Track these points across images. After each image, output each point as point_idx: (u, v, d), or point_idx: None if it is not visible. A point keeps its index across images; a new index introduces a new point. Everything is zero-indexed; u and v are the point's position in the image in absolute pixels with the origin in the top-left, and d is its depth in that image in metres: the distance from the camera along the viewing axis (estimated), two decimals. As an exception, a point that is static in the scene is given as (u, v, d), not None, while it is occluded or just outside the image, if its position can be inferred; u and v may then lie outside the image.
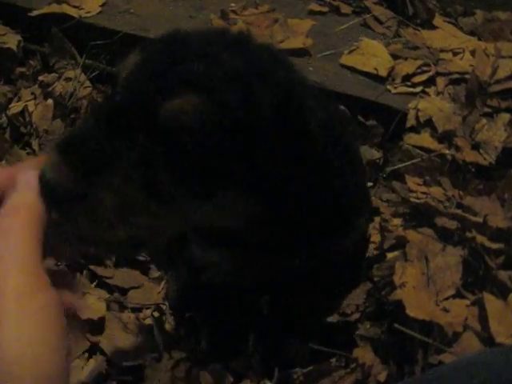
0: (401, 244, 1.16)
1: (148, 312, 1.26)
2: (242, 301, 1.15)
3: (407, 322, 1.02)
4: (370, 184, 1.49)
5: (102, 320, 1.20)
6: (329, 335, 1.14)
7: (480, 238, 1.19)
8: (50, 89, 1.80)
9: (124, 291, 1.32)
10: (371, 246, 1.32)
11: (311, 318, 1.20)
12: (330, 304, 1.21)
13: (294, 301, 1.17)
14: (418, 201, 1.36)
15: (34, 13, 1.93)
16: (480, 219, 1.23)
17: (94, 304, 1.19)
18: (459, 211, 1.24)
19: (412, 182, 1.45)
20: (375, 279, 1.12)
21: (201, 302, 1.21)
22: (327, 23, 1.86)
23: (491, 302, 1.09)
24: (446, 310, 1.07)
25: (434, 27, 1.88)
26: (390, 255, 1.15)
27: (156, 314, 1.25)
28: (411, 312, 0.97)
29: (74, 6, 1.94)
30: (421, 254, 1.10)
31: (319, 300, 1.19)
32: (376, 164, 1.56)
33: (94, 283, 1.31)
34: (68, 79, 1.85)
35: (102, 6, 1.95)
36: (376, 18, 1.88)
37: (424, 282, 1.05)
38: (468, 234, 1.21)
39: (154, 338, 1.15)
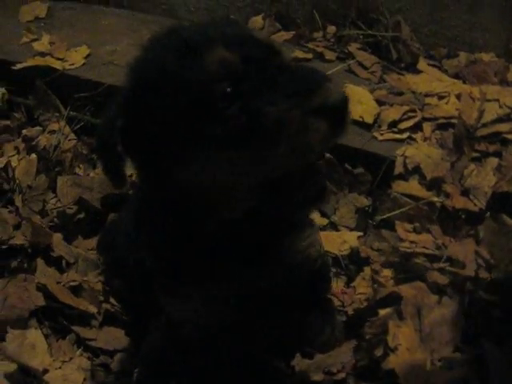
0: (393, 299, 1.13)
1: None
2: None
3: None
4: (360, 233, 1.47)
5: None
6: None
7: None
8: (34, 142, 1.78)
9: (109, 353, 1.28)
10: (360, 297, 1.29)
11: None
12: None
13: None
14: (408, 250, 1.34)
15: (18, 66, 1.93)
16: (471, 273, 1.21)
17: (71, 374, 1.13)
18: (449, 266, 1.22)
19: (402, 229, 1.43)
20: (367, 337, 1.08)
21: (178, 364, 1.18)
22: (312, 70, 1.86)
23: (491, 350, 1.05)
24: (444, 368, 1.03)
25: (418, 71, 1.88)
26: (382, 312, 1.11)
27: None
28: (404, 381, 0.93)
29: (58, 59, 1.95)
30: (415, 310, 1.07)
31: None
32: (365, 212, 1.54)
33: (80, 349, 1.26)
34: (52, 132, 1.84)
35: (86, 57, 1.96)
36: (360, 64, 1.88)
37: (419, 340, 1.02)
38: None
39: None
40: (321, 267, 1.14)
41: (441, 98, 1.71)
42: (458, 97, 1.69)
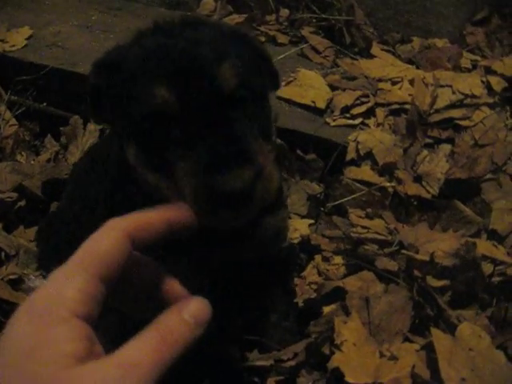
0: (339, 294, 1.10)
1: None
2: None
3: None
4: (311, 221, 1.44)
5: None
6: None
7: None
8: (-28, 128, 1.69)
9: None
10: (310, 288, 1.26)
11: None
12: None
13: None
14: (360, 236, 1.31)
15: (-45, 47, 1.82)
16: (426, 257, 1.19)
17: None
18: (404, 250, 1.19)
19: (354, 215, 1.40)
20: (313, 336, 1.04)
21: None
22: (264, 54, 1.81)
23: (440, 339, 1.03)
24: (393, 358, 1.01)
25: (371, 56, 1.85)
26: (327, 309, 1.08)
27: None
28: (350, 378, 0.90)
29: (-2, 40, 1.85)
30: (362, 303, 1.04)
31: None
32: (317, 199, 1.50)
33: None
34: (-8, 117, 1.75)
35: (28, 39, 1.86)
36: (313, 48, 1.84)
37: (367, 333, 0.99)
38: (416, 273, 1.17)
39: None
40: (289, 251, 1.17)
41: (394, 83, 1.69)
42: (411, 82, 1.67)
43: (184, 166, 0.76)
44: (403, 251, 1.20)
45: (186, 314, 0.53)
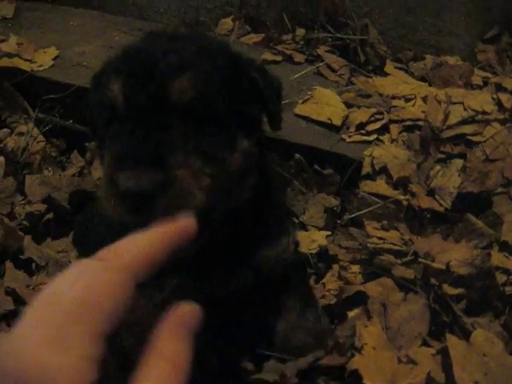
0: (360, 298, 1.15)
1: None
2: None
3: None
4: (328, 233, 1.49)
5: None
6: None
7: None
8: (2, 145, 1.77)
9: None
10: (330, 293, 1.30)
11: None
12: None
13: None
14: (376, 246, 1.37)
15: (-15, 68, 1.90)
16: (443, 266, 1.24)
17: None
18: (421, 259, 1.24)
19: (370, 227, 1.45)
20: (340, 341, 1.09)
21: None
22: (281, 72, 1.87)
23: (455, 344, 1.08)
24: (410, 363, 1.06)
25: (385, 74, 1.91)
26: (351, 313, 1.13)
27: None
28: (368, 381, 0.95)
29: (26, 60, 1.92)
30: (382, 308, 1.09)
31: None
32: (334, 212, 1.56)
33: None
34: (20, 134, 1.82)
35: (55, 59, 1.94)
36: (329, 66, 1.90)
37: (386, 338, 1.04)
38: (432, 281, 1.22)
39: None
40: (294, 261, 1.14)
41: (407, 100, 1.74)
42: (424, 99, 1.73)
43: (105, 160, 0.79)
44: (420, 259, 1.26)
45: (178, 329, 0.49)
